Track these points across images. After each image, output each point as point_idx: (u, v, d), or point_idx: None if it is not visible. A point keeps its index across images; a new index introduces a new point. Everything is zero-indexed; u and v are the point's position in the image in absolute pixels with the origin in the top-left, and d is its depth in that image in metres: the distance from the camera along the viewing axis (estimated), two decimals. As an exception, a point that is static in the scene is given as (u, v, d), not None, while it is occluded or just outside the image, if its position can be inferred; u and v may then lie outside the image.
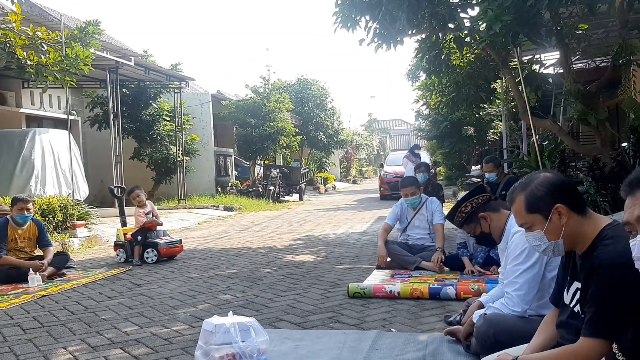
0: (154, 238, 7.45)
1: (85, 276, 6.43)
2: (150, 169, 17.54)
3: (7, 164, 11.62)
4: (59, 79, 8.92)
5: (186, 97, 18.26)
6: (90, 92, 16.79)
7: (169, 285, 5.72)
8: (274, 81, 23.13)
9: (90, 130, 17.29)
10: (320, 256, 7.42)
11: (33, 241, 6.44)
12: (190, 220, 13.38)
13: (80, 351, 3.59)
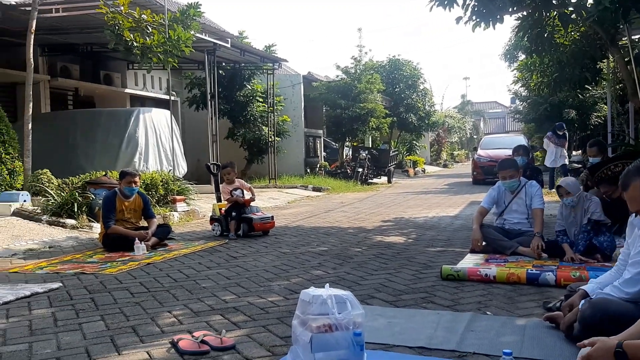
0: (248, 214, 7.70)
1: (185, 247, 6.76)
2: (243, 148, 18.07)
3: (114, 141, 12.38)
4: (162, 60, 9.35)
5: (278, 78, 18.57)
6: (189, 73, 17.47)
7: (263, 259, 5.90)
8: (365, 62, 23.00)
9: (188, 111, 18.05)
10: (411, 238, 7.36)
11: (138, 213, 6.84)
12: (281, 199, 13.69)
13: (184, 315, 3.79)
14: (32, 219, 7.94)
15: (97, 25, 10.61)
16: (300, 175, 18.87)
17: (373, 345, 3.12)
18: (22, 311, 3.97)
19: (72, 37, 13.11)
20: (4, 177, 9.38)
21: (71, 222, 7.99)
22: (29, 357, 3.02)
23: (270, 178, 17.11)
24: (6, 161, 9.53)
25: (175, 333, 3.35)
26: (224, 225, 7.69)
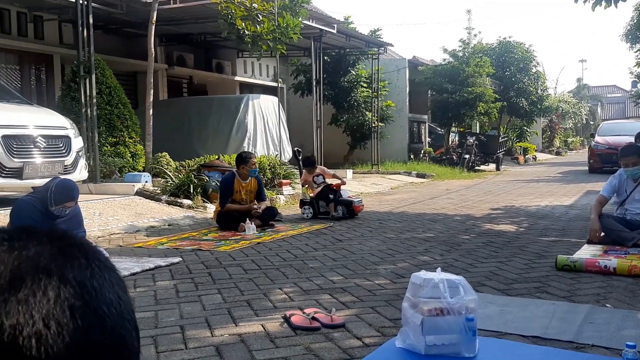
0: (343, 197, 8.03)
1: (292, 229, 6.96)
2: (346, 134, 18.18)
3: (225, 127, 12.92)
4: (271, 47, 9.60)
5: (383, 63, 18.44)
6: (295, 60, 17.80)
7: (368, 243, 5.94)
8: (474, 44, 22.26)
9: (293, 97, 18.43)
10: (523, 227, 7.09)
11: (253, 194, 7.13)
12: (383, 185, 13.66)
13: (294, 293, 3.92)
14: (152, 198, 8.51)
15: (210, 15, 11.07)
16: (404, 161, 18.70)
17: (485, 332, 3.07)
18: (148, 282, 4.28)
19: (187, 27, 13.78)
20: (127, 159, 10.11)
21: (187, 202, 8.47)
22: (156, 324, 3.27)
23: (372, 164, 17.11)
24: (129, 145, 10.26)
25: (287, 309, 3.47)
26: (316, 208, 7.91)
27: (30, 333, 0.43)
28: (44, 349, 0.43)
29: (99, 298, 0.48)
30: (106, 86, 9.99)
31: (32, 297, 0.45)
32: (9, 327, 0.43)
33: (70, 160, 7.36)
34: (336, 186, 8.04)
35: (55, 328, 0.44)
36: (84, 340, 0.45)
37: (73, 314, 0.45)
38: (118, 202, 7.88)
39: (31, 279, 0.46)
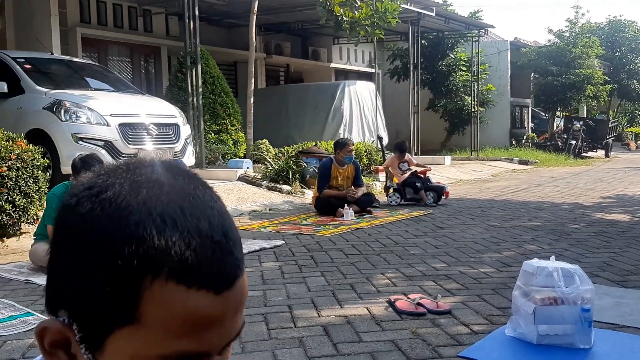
0: (431, 183, 8.06)
1: (390, 215, 6.93)
2: (443, 119, 17.80)
3: (321, 113, 13.06)
4: (369, 32, 9.55)
5: (483, 45, 17.80)
6: (391, 45, 17.61)
7: (471, 231, 5.80)
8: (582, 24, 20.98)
9: (388, 82, 18.26)
10: (637, 217, 6.65)
11: (350, 180, 7.17)
12: (484, 172, 13.26)
13: (397, 278, 3.92)
14: (254, 184, 8.78)
15: (308, 3, 11.19)
16: (505, 147, 18.04)
17: (599, 324, 2.92)
18: (254, 263, 4.44)
19: (285, 16, 14.01)
20: (229, 146, 10.49)
21: (286, 187, 8.66)
22: (265, 302, 3.39)
23: (472, 150, 16.64)
24: (231, 132, 10.63)
25: (390, 294, 3.48)
26: (403, 194, 7.85)
27: (151, 226, 0.51)
28: (163, 238, 0.51)
29: (202, 202, 0.55)
30: (210, 76, 10.39)
31: (150, 201, 0.52)
32: (133, 223, 0.51)
33: (179, 147, 7.74)
34: (422, 173, 7.99)
35: (170, 222, 0.51)
36: (194, 231, 0.52)
37: (183, 211, 0.53)
38: (222, 187, 8.21)
39: (147, 187, 0.53)
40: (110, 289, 0.51)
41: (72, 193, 0.55)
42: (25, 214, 5.21)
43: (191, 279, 0.51)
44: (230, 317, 0.55)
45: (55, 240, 0.55)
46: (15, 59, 7.66)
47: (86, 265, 0.51)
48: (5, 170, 4.94)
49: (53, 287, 0.56)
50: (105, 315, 0.51)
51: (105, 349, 0.53)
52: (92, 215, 0.52)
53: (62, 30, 10.33)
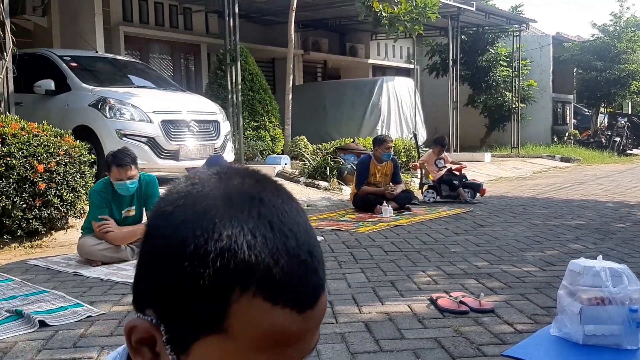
0: (467, 180, 7.95)
1: (429, 213, 6.88)
2: (483, 115, 17.55)
3: (359, 110, 13.04)
4: (408, 28, 9.49)
5: (524, 40, 17.47)
6: (430, 40, 17.43)
7: (513, 229, 5.72)
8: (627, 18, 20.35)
9: (426, 78, 18.09)
10: (687, 215, 6.44)
11: (388, 177, 7.14)
12: (525, 169, 13.03)
13: (438, 276, 3.89)
14: (292, 180, 8.83)
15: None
16: (546, 144, 17.67)
17: (649, 327, 2.84)
18: (294, 259, 4.47)
19: (323, 13, 14.02)
20: (267, 142, 10.57)
21: (324, 184, 8.69)
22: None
23: (512, 147, 16.36)
24: (269, 129, 10.72)
25: (432, 291, 3.46)
26: (439, 191, 7.80)
27: (242, 241, 0.53)
28: (253, 253, 0.53)
29: (289, 218, 0.56)
30: (249, 73, 10.49)
31: (241, 214, 0.54)
32: (225, 237, 0.53)
33: (219, 143, 7.84)
34: (458, 170, 7.90)
35: (260, 238, 0.53)
36: (282, 249, 0.54)
37: (272, 228, 0.54)
38: (261, 183, 8.29)
39: (239, 201, 0.56)
40: (200, 299, 0.53)
41: (168, 200, 0.58)
42: (73, 208, 5.36)
43: (277, 297, 0.53)
44: (310, 334, 0.57)
45: (148, 243, 0.58)
46: (62, 57, 7.88)
47: (178, 273, 0.53)
48: (54, 165, 5.10)
49: (141, 286, 0.58)
50: (193, 322, 0.54)
51: (190, 353, 0.55)
52: (186, 226, 0.54)
53: (106, 28, 10.58)
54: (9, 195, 4.85)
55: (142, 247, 0.59)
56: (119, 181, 4.39)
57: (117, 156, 4.42)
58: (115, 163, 4.38)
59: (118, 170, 4.37)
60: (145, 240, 0.58)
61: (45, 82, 7.32)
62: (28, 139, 5.06)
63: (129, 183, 4.41)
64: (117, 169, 4.37)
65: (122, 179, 4.38)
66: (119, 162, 4.38)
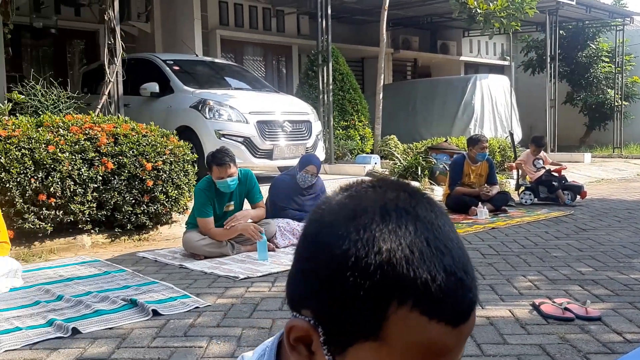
0: (567, 182, 7.62)
1: (527, 215, 6.66)
2: (582, 114, 16.70)
3: (451, 108, 12.80)
4: (505, 24, 9.21)
5: (628, 35, 16.41)
6: (526, 36, 16.81)
7: (618, 234, 5.42)
8: None
9: (521, 75, 17.44)
10: None
11: (483, 178, 6.98)
12: (628, 171, 12.27)
13: (539, 281, 3.78)
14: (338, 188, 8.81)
15: (439, -4, 11.03)
16: (653, 144, 16.55)
17: None
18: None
19: (414, 10, 13.88)
20: (357, 142, 10.63)
21: (415, 184, 8.60)
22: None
23: (614, 147, 15.44)
24: (359, 128, 10.76)
25: (534, 297, 3.37)
26: (537, 193, 7.51)
27: (400, 256, 0.55)
28: (411, 268, 0.55)
29: (444, 234, 0.58)
30: (339, 73, 10.59)
31: (399, 229, 0.57)
32: (385, 250, 0.55)
33: (310, 143, 7.98)
34: (557, 171, 7.55)
35: (418, 254, 0.56)
36: (439, 266, 0.56)
37: (429, 244, 0.56)
38: (352, 182, 8.34)
39: (396, 215, 0.58)
40: (358, 307, 0.56)
41: (327, 210, 0.61)
42: (177, 204, 5.66)
43: (434, 312, 0.55)
44: (460, 346, 0.59)
45: (308, 249, 0.61)
46: (165, 61, 8.32)
47: (339, 282, 0.57)
48: (160, 164, 5.41)
49: (298, 288, 0.62)
50: (351, 327, 0.57)
51: (346, 356, 0.58)
52: (347, 238, 0.57)
53: (204, 32, 11.04)
54: (121, 192, 5.20)
55: (300, 251, 0.63)
56: (220, 179, 4.59)
57: (217, 156, 4.63)
58: (216, 163, 4.59)
59: (218, 169, 4.58)
60: (305, 246, 0.62)
61: (150, 85, 7.76)
62: (138, 139, 5.40)
63: (230, 180, 4.60)
64: (218, 168, 4.58)
65: (223, 177, 4.58)
66: (218, 161, 4.58)
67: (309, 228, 0.63)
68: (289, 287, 0.64)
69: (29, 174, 4.70)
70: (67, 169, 4.85)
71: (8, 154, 4.66)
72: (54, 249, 4.93)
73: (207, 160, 4.75)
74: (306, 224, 0.64)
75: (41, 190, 4.75)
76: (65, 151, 4.90)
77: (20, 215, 4.70)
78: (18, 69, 10.10)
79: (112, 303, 3.36)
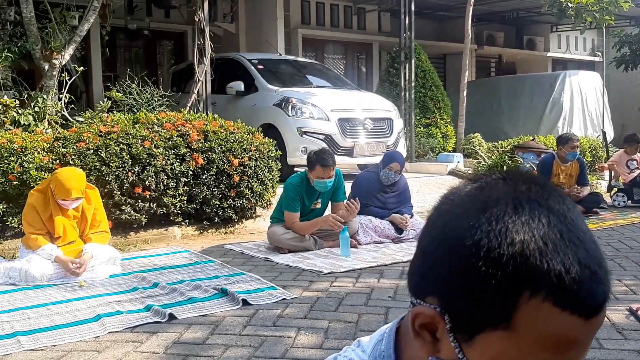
0: None
1: (620, 218, 6.34)
2: (682, 112, 15.63)
3: (538, 106, 12.35)
4: (597, 19, 8.78)
5: None
6: (619, 30, 15.91)
7: None
8: None
9: (613, 72, 16.54)
10: None
11: (573, 178, 6.69)
12: None
13: (636, 286, 3.60)
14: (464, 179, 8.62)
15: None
16: None
17: None
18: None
19: (499, 5, 13.48)
20: (438, 140, 10.47)
21: (499, 183, 8.38)
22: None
23: None
24: (440, 126, 10.60)
25: (630, 302, 3.22)
26: (630, 195, 7.13)
27: (534, 247, 0.56)
28: (545, 260, 0.55)
29: (576, 227, 0.58)
30: (421, 70, 10.47)
31: (532, 221, 0.57)
32: (518, 242, 0.56)
33: (392, 141, 7.95)
34: None
35: (551, 246, 0.56)
36: (573, 258, 0.56)
37: (562, 236, 0.57)
38: (433, 181, 8.24)
39: (528, 207, 0.58)
40: (489, 297, 0.57)
41: (456, 202, 0.62)
42: (261, 199, 5.81)
43: (567, 303, 0.56)
44: (590, 339, 0.59)
45: (433, 237, 0.63)
46: (250, 61, 8.55)
47: (470, 271, 0.57)
48: (246, 160, 5.57)
49: (423, 276, 0.63)
50: (480, 316, 0.58)
51: (473, 344, 0.59)
52: (479, 229, 0.58)
53: (286, 32, 11.23)
54: (209, 186, 5.41)
55: (427, 240, 0.64)
56: (320, 179, 4.66)
57: (323, 157, 4.68)
58: (321, 163, 4.64)
59: (323, 169, 4.64)
60: (432, 235, 0.63)
61: (236, 84, 7.99)
62: (226, 136, 5.59)
63: (329, 181, 4.68)
64: (323, 168, 4.64)
65: (324, 178, 4.66)
66: (324, 162, 4.64)
67: (436, 218, 0.64)
68: (412, 276, 0.65)
69: (127, 168, 4.97)
70: (161, 163, 5.10)
71: (108, 149, 4.95)
72: (147, 239, 5.19)
73: (309, 158, 4.79)
74: (433, 214, 0.65)
75: (137, 183, 5.02)
76: (159, 147, 5.15)
77: (118, 206, 4.99)
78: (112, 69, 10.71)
79: (204, 292, 3.51)
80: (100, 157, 4.91)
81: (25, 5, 6.22)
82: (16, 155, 4.71)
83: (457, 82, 11.58)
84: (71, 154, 4.84)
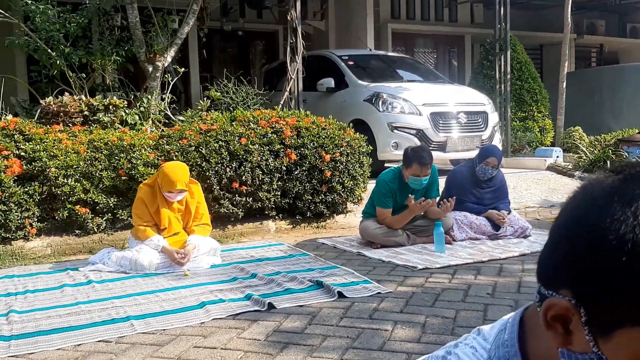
0: None
1: None
2: None
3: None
4: None
5: None
6: None
7: None
8: None
9: None
10: None
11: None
12: None
13: None
14: (564, 174, 8.27)
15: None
16: None
17: None
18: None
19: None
20: (535, 134, 10.06)
21: (602, 179, 7.94)
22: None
23: None
24: (538, 119, 10.18)
25: None
26: None
27: None
28: None
29: None
30: (517, 61, 10.10)
31: None
32: None
33: (486, 135, 7.73)
34: None
35: None
36: None
37: None
38: (530, 177, 7.94)
39: None
40: (632, 293, 0.55)
41: (598, 193, 0.60)
42: (352, 194, 5.85)
43: None
44: None
45: (569, 228, 0.61)
46: (341, 57, 8.60)
47: (613, 266, 0.56)
48: (338, 155, 5.62)
49: (557, 268, 0.62)
50: (621, 312, 0.56)
51: (612, 338, 0.57)
52: (625, 223, 0.56)
53: (375, 27, 11.20)
54: (302, 181, 5.51)
55: (562, 231, 0.62)
56: (416, 177, 4.63)
57: (421, 155, 4.62)
58: (419, 161, 4.59)
59: (420, 167, 4.60)
60: (569, 226, 0.61)
61: (326, 81, 8.07)
62: (317, 132, 5.67)
63: (424, 179, 4.64)
64: (420, 166, 4.60)
65: (419, 176, 4.62)
66: (422, 160, 4.59)
67: (574, 208, 0.62)
68: (543, 267, 0.64)
69: (225, 164, 5.17)
70: (256, 159, 5.26)
71: (208, 146, 5.18)
72: (244, 232, 5.38)
73: (406, 154, 4.73)
74: (569, 204, 0.63)
75: (235, 178, 5.21)
76: (255, 143, 5.32)
77: (217, 200, 5.20)
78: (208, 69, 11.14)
79: (300, 283, 3.60)
80: (201, 153, 5.14)
81: (131, 11, 6.61)
82: (125, 152, 5.02)
83: (555, 73, 11.07)
84: (175, 151, 5.11)
